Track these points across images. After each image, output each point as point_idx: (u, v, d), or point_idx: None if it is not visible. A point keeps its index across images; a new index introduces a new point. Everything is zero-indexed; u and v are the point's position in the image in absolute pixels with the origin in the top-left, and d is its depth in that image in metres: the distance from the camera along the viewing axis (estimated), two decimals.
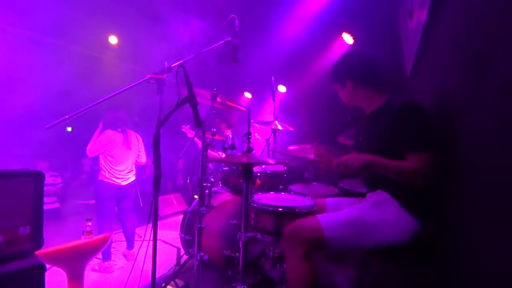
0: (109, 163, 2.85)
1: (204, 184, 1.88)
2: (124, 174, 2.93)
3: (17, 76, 4.06)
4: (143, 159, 3.15)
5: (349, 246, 1.29)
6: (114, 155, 2.85)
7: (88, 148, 2.82)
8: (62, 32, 3.97)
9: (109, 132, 2.84)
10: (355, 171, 1.24)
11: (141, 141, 3.13)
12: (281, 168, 2.50)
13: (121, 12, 3.76)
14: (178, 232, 2.59)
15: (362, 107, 1.53)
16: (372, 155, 1.25)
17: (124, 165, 2.92)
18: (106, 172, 2.84)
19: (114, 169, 2.86)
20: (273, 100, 2.75)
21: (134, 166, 3.08)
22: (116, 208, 3.01)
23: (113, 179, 2.85)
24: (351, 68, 1.47)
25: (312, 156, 1.56)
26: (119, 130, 2.91)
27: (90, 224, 1.91)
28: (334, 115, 3.86)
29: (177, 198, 5.25)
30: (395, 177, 1.22)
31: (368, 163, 1.23)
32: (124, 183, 2.93)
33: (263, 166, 2.39)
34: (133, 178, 3.07)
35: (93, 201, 3.01)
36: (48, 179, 4.32)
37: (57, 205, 4.49)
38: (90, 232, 1.89)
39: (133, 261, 1.54)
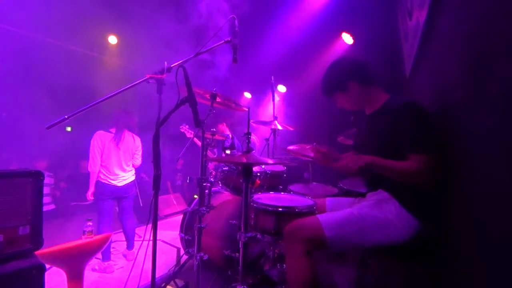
0: (102, 163, 2.83)
1: (204, 184, 1.88)
2: (118, 175, 2.89)
3: (17, 76, 4.06)
4: (137, 161, 3.07)
5: (349, 245, 1.29)
6: (104, 155, 2.83)
7: (88, 166, 2.83)
8: (62, 32, 3.97)
9: (97, 134, 2.84)
10: (355, 171, 1.24)
11: (138, 143, 3.07)
12: (281, 168, 2.50)
13: (121, 12, 3.76)
14: (178, 232, 2.59)
15: (364, 108, 1.53)
16: (372, 156, 1.25)
17: (115, 164, 2.87)
18: (102, 173, 2.82)
19: (107, 169, 2.84)
20: (273, 100, 2.75)
21: (131, 166, 3.03)
22: (116, 208, 3.00)
23: (109, 180, 2.83)
24: (351, 69, 1.45)
25: (312, 154, 1.56)
26: (112, 131, 2.90)
27: (91, 224, 1.91)
28: (334, 114, 3.86)
29: (177, 198, 5.25)
30: (394, 178, 1.22)
31: (368, 164, 1.22)
32: (120, 184, 2.89)
33: (263, 166, 2.38)
34: (132, 178, 3.03)
35: (88, 202, 3.00)
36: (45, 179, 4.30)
37: (52, 206, 4.42)
38: (90, 232, 1.89)
39: (133, 261, 1.54)
